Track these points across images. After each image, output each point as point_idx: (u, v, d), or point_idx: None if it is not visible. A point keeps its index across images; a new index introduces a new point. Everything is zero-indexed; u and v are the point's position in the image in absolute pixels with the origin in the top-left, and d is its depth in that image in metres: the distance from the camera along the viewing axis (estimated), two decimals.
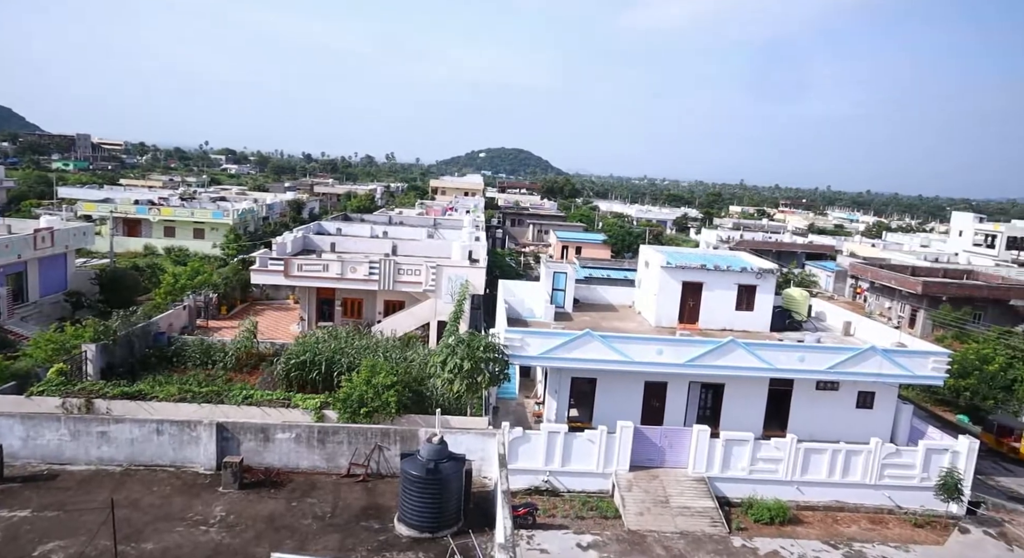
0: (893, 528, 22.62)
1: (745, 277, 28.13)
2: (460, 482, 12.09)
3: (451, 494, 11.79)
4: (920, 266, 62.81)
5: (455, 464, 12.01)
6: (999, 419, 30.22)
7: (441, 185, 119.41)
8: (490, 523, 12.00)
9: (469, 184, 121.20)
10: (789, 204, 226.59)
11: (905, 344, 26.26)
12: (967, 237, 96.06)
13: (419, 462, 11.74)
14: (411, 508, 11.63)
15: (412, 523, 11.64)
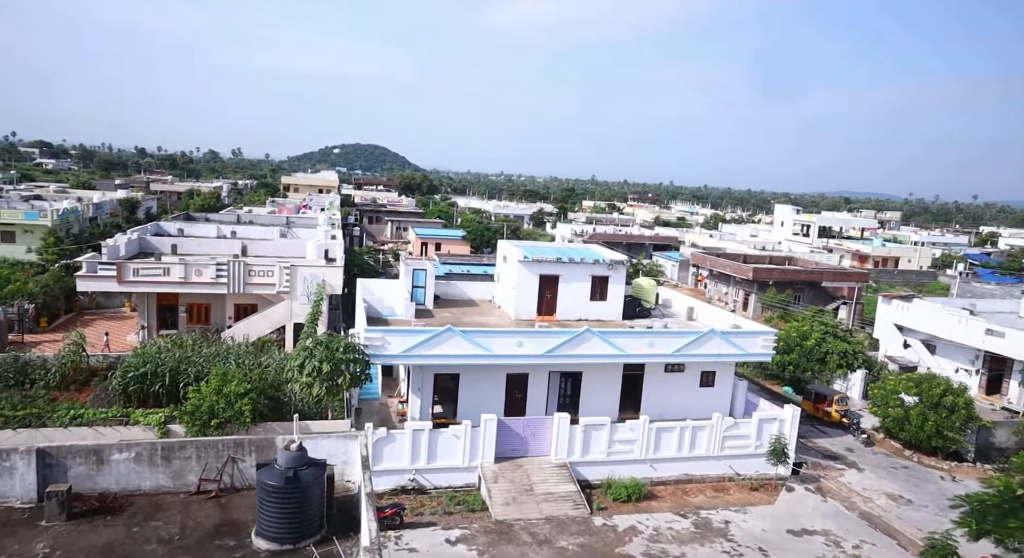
0: (733, 493, 24.80)
1: (598, 269, 29.51)
2: (321, 488, 11.71)
3: (312, 502, 11.39)
4: (751, 254, 69.11)
5: (315, 470, 11.61)
6: (816, 388, 34.04)
7: (294, 182, 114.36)
8: (355, 527, 11.74)
9: (324, 181, 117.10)
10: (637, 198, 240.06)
11: (740, 326, 28.81)
12: (787, 227, 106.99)
13: (276, 471, 11.23)
14: (269, 520, 11.10)
15: (271, 535, 11.12)
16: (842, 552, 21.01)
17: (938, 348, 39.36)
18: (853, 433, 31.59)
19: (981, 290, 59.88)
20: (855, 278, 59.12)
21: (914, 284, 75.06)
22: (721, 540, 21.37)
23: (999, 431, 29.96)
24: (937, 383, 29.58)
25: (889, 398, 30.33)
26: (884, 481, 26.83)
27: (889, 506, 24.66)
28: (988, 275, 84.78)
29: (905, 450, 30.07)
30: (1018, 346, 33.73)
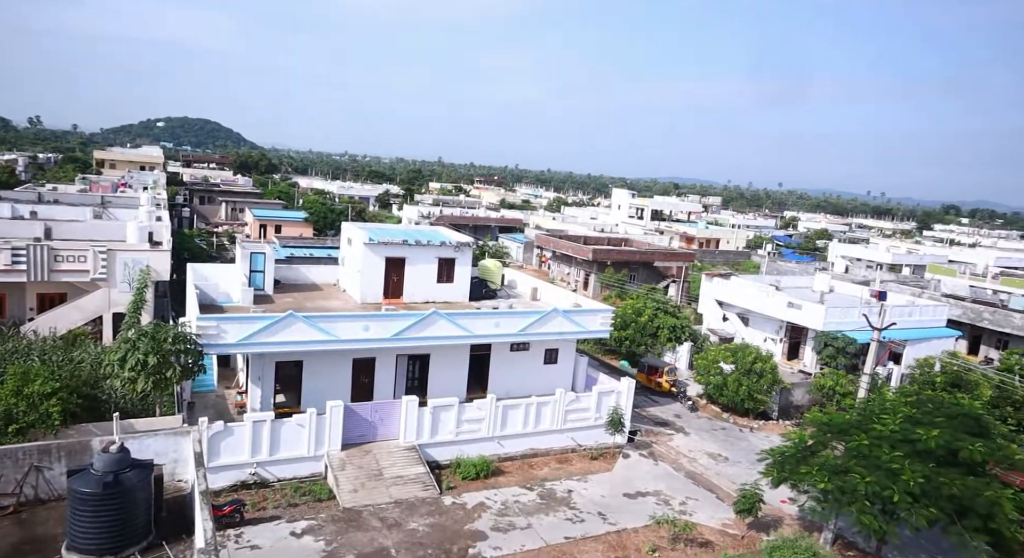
0: (576, 464, 26.20)
1: (445, 251, 29.62)
2: (148, 491, 10.82)
3: (137, 506, 10.50)
4: (591, 236, 72.65)
5: (140, 472, 10.70)
6: (649, 361, 36.73)
7: (110, 157, 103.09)
8: (189, 529, 11.00)
9: (146, 157, 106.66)
10: (483, 181, 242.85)
11: (580, 304, 30.28)
12: (624, 210, 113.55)
13: (92, 477, 10.20)
14: (83, 531, 10.08)
15: (85, 548, 10.10)
16: (671, 509, 22.96)
17: (751, 320, 43.89)
18: (681, 400, 34.50)
19: (785, 268, 67.53)
20: (683, 258, 64.22)
21: (732, 263, 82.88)
22: (564, 508, 22.54)
23: (796, 391, 34.13)
24: (749, 352, 33.03)
25: (711, 367, 33.44)
26: (706, 442, 29.64)
27: (710, 464, 27.31)
28: (790, 254, 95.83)
29: (724, 413, 33.37)
30: (811, 317, 38.50)
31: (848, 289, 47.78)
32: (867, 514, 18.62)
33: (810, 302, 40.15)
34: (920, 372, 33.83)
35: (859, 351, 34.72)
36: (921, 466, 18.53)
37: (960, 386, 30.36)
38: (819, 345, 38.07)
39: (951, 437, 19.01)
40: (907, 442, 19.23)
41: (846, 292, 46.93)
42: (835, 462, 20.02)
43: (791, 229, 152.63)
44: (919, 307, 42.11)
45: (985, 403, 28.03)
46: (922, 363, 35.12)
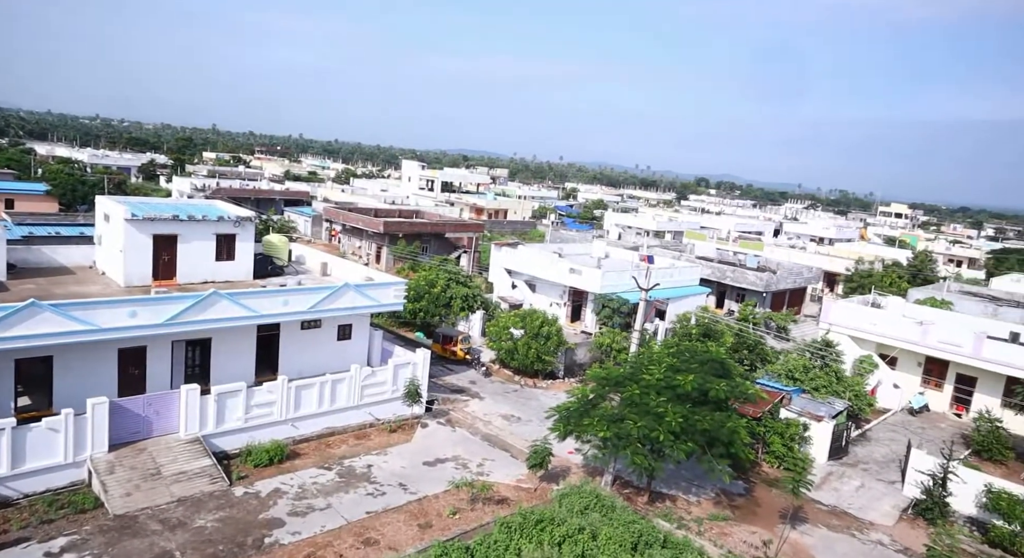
0: (374, 438, 26.08)
1: (223, 226, 27.37)
2: None
3: None
4: (382, 208, 71.58)
5: None
6: (443, 331, 37.46)
7: None
8: None
9: None
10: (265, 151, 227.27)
11: (373, 278, 29.83)
12: (415, 182, 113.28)
13: None
14: None
15: None
16: (469, 472, 23.85)
17: (538, 287, 46.55)
18: (475, 367, 35.72)
19: (567, 236, 72.34)
20: (473, 229, 65.91)
21: (519, 233, 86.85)
22: (365, 484, 22.39)
23: (580, 350, 37.05)
24: (537, 317, 35.08)
25: (502, 333, 34.99)
26: (500, 405, 31.11)
27: (504, 425, 28.75)
28: (571, 223, 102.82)
29: (515, 376, 35.21)
30: (590, 281, 41.85)
31: (621, 254, 52.58)
32: (639, 454, 20.98)
33: (589, 267, 43.58)
34: (680, 326, 38.45)
35: (631, 310, 38.51)
36: (681, 408, 21.23)
37: (710, 336, 35.07)
38: (598, 307, 41.58)
39: (703, 380, 21.98)
40: (670, 388, 21.87)
41: (620, 257, 51.61)
42: (612, 412, 22.20)
43: (572, 200, 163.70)
44: (678, 268, 47.70)
45: (728, 349, 32.76)
46: (681, 318, 39.93)
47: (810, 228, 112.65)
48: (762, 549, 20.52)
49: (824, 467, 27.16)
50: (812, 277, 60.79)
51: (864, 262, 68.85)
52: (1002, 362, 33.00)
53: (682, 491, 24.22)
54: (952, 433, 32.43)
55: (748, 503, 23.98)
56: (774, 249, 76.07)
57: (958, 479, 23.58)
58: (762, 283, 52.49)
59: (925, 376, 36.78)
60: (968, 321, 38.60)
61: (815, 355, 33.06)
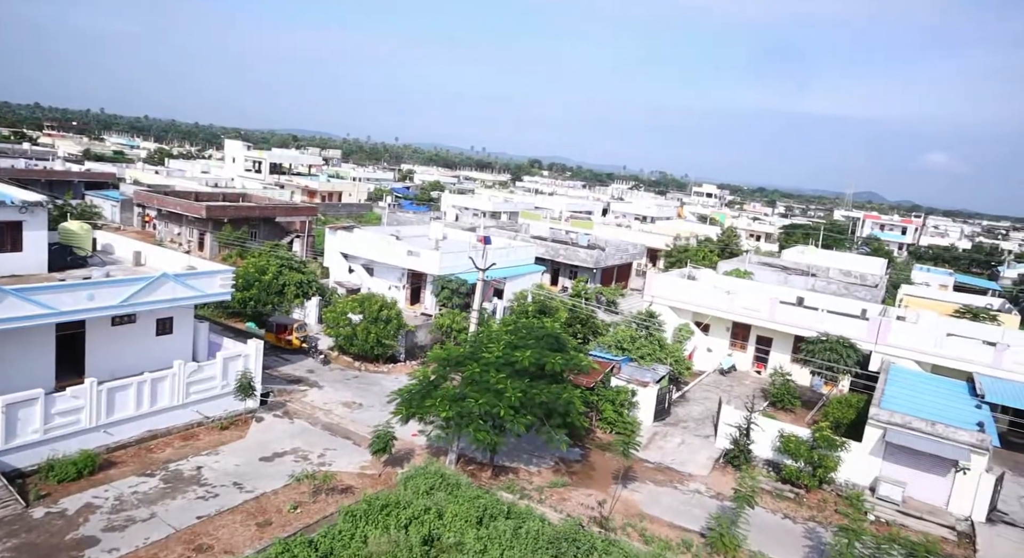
0: (204, 438, 24.37)
1: (7, 212, 23.90)
2: None
3: None
4: (203, 191, 66.27)
5: None
6: (277, 319, 35.70)
7: None
8: None
9: None
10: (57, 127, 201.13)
11: (195, 267, 27.62)
12: (240, 163, 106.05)
13: None
14: None
15: None
16: (310, 464, 23.10)
17: (376, 270, 45.75)
18: (313, 355, 34.47)
19: (404, 218, 71.56)
20: (306, 212, 63.11)
21: (355, 215, 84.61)
22: (194, 487, 20.90)
23: (420, 333, 37.05)
24: (375, 300, 34.50)
25: (340, 319, 34.03)
26: (340, 392, 30.35)
27: (346, 413, 28.12)
28: (408, 205, 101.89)
29: (356, 362, 34.46)
30: (428, 263, 41.87)
31: (459, 235, 53.05)
32: (481, 431, 21.51)
33: (427, 249, 43.54)
34: (517, 304, 39.68)
35: (470, 290, 39.09)
36: (520, 383, 22.01)
37: (546, 312, 36.57)
38: (437, 288, 41.74)
39: (540, 355, 22.94)
40: (509, 364, 22.59)
41: (458, 238, 52.05)
42: (454, 391, 22.51)
43: (408, 181, 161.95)
44: (514, 248, 49.07)
45: (562, 324, 34.37)
46: (518, 296, 41.20)
47: (634, 207, 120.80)
48: (597, 509, 21.97)
49: (650, 428, 29.53)
50: (637, 253, 65.31)
51: (681, 238, 75.13)
52: (791, 323, 37.72)
53: (523, 463, 25.21)
54: (754, 388, 36.61)
55: (584, 468, 25.51)
56: (603, 228, 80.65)
57: (759, 428, 26.74)
58: (593, 260, 55.53)
59: (732, 339, 41.08)
60: (765, 289, 43.60)
61: (640, 326, 35.68)
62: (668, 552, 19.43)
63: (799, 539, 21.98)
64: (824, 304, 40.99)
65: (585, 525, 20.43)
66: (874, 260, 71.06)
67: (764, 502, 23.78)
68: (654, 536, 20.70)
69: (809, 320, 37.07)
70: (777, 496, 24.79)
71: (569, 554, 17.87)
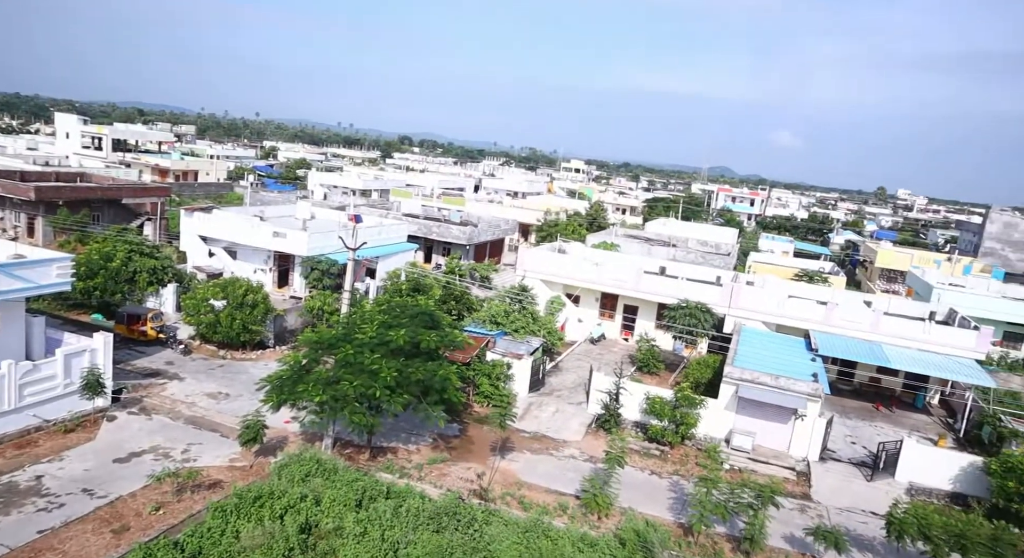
0: (45, 444, 22.18)
1: None
2: None
3: None
4: (31, 170, 59.46)
5: None
6: (128, 309, 32.93)
7: None
8: None
9: None
10: None
11: (25, 255, 24.81)
12: (75, 139, 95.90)
13: None
14: None
15: None
16: (172, 461, 21.70)
17: (239, 253, 43.33)
18: (172, 346, 32.21)
19: (268, 198, 68.11)
20: (157, 193, 58.34)
21: (214, 196, 79.45)
22: (34, 499, 19.00)
23: (290, 316, 35.62)
24: (240, 285, 32.71)
25: (200, 306, 31.97)
26: (204, 383, 28.64)
27: (211, 404, 26.60)
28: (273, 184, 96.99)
29: (220, 350, 32.60)
30: (296, 244, 40.25)
31: (328, 215, 51.29)
32: (357, 413, 21.13)
33: (294, 230, 41.77)
34: (390, 283, 39.11)
35: (341, 271, 37.99)
36: (395, 362, 21.80)
37: (420, 290, 36.33)
38: (306, 270, 40.24)
39: (414, 333, 22.79)
40: (383, 344, 22.28)
41: (327, 218, 50.32)
42: (327, 375, 21.91)
43: (272, 159, 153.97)
44: (386, 227, 48.18)
45: (436, 301, 34.35)
46: (391, 274, 40.62)
47: (505, 183, 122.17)
48: (477, 482, 22.35)
49: (526, 399, 30.34)
50: (509, 228, 66.23)
51: (551, 213, 77.01)
52: (654, 292, 39.96)
53: (402, 442, 25.11)
54: (622, 355, 38.54)
55: (463, 442, 25.82)
56: (475, 204, 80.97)
57: (627, 392, 28.24)
58: (466, 236, 55.70)
59: (602, 309, 42.90)
60: (630, 260, 45.80)
61: (514, 300, 36.36)
62: (545, 516, 20.19)
63: (665, 492, 23.59)
64: (684, 273, 43.75)
65: (465, 498, 20.75)
66: (727, 230, 76.64)
67: (633, 461, 25.24)
68: (532, 502, 21.40)
69: (671, 288, 39.42)
70: (645, 454, 26.39)
71: (450, 527, 18.11)
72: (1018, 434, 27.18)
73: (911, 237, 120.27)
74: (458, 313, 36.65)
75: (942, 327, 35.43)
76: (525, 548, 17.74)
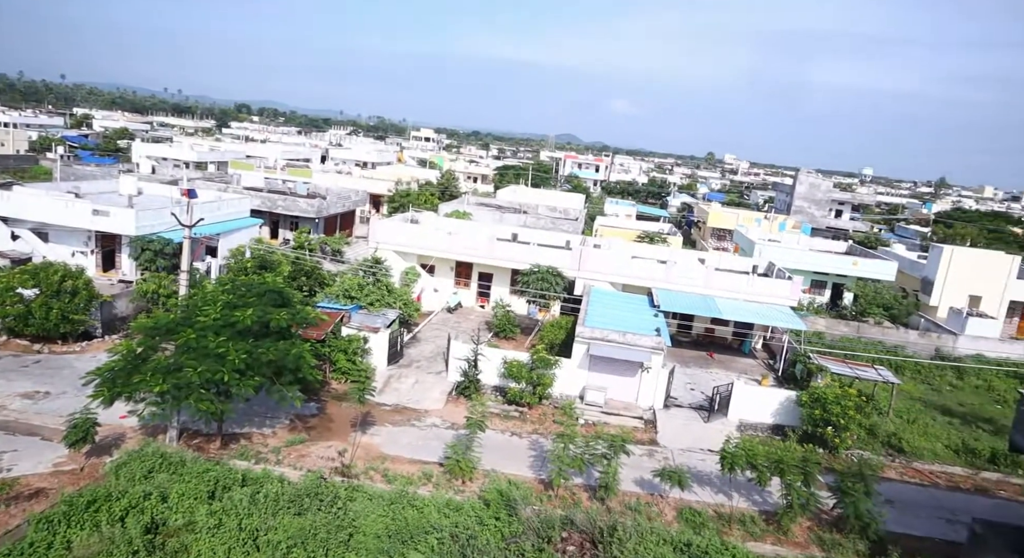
0: None
1: None
2: None
3: None
4: None
5: None
6: None
7: None
8: None
9: None
10: None
11: None
12: None
13: None
14: None
15: None
16: None
17: (51, 235, 38.65)
18: None
19: (84, 172, 61.13)
20: None
21: (14, 170, 70.02)
22: None
23: (119, 302, 32.51)
24: (55, 270, 29.29)
25: (6, 296, 28.29)
26: (17, 382, 25.53)
27: (27, 405, 23.81)
28: (89, 157, 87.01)
29: (35, 344, 29.17)
30: (122, 223, 36.59)
31: (158, 190, 47.05)
32: (204, 401, 19.85)
33: (119, 207, 37.89)
34: (234, 261, 36.78)
35: (177, 250, 35.13)
36: (243, 344, 20.66)
37: (267, 267, 34.51)
38: (135, 251, 36.81)
39: (263, 312, 21.70)
40: (229, 326, 21.00)
41: (156, 193, 46.14)
42: (167, 362, 20.33)
43: (86, 128, 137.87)
44: (226, 201, 45.03)
45: (286, 277, 32.91)
46: (235, 252, 38.19)
47: (354, 153, 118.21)
48: (338, 459, 21.95)
49: (385, 372, 30.05)
50: (359, 200, 64.40)
51: (402, 183, 75.80)
52: (508, 258, 40.81)
53: (256, 426, 24.00)
54: (479, 322, 39.17)
55: (322, 421, 25.16)
56: (322, 175, 77.79)
57: (485, 358, 28.82)
58: (314, 209, 53.47)
59: (457, 278, 43.16)
60: (483, 228, 46.32)
61: (367, 273, 35.61)
62: (410, 486, 20.30)
63: (525, 451, 24.52)
64: (535, 238, 45.00)
65: (327, 477, 20.34)
66: (575, 196, 79.61)
67: (494, 424, 25.94)
68: (396, 474, 21.40)
69: (523, 254, 40.43)
70: (505, 417, 27.20)
71: (313, 508, 17.72)
72: (823, 368, 31.03)
73: (737, 198, 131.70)
74: (310, 289, 35.33)
75: (763, 279, 39.36)
76: (391, 520, 17.79)
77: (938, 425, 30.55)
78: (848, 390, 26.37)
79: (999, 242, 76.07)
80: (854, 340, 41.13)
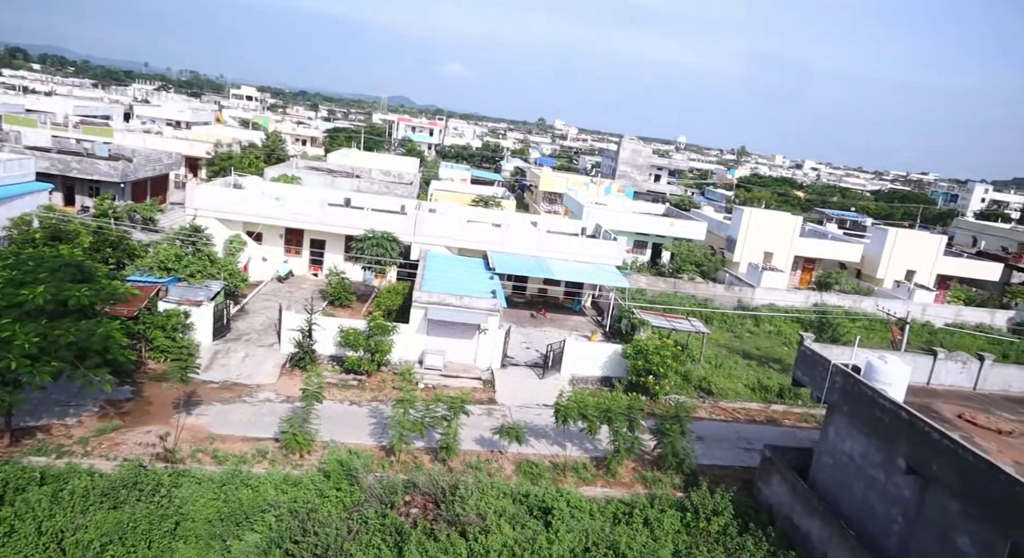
0: None
1: None
2: None
3: None
4: None
5: None
6: None
7: None
8: None
9: None
10: None
11: None
12: None
13: None
14: None
15: None
16: None
17: None
18: None
19: None
20: None
21: None
22: None
23: None
24: None
25: None
26: None
27: None
28: None
29: None
30: None
31: None
32: None
33: None
34: (18, 232, 32.15)
35: None
36: (35, 325, 18.25)
37: (61, 238, 30.57)
38: None
39: (58, 289, 19.25)
40: (15, 306, 18.44)
41: None
42: None
43: None
44: (3, 163, 39.04)
45: (86, 249, 29.46)
46: (18, 222, 33.34)
47: (164, 111, 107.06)
48: (160, 444, 20.31)
49: (211, 348, 28.08)
50: (173, 163, 58.73)
51: (223, 145, 70.08)
52: (341, 224, 39.45)
53: (57, 417, 21.45)
54: (313, 291, 37.68)
55: (139, 405, 23.07)
56: (127, 135, 69.87)
57: (320, 328, 27.87)
58: (118, 173, 47.99)
59: (287, 246, 41.05)
60: (314, 193, 44.28)
61: (186, 242, 32.78)
62: (244, 465, 19.35)
63: (365, 419, 24.24)
64: (369, 203, 43.85)
65: (147, 464, 18.80)
66: (409, 160, 78.37)
67: (332, 394, 25.31)
68: (228, 454, 20.26)
69: (357, 219, 39.26)
70: (343, 386, 26.63)
71: (131, 500, 16.35)
72: (645, 322, 33.64)
73: (566, 163, 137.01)
74: (117, 261, 31.86)
75: (591, 240, 41.55)
76: (223, 502, 16.89)
77: (739, 368, 34.44)
78: (666, 341, 28.85)
79: (787, 205, 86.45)
80: (671, 295, 44.92)
